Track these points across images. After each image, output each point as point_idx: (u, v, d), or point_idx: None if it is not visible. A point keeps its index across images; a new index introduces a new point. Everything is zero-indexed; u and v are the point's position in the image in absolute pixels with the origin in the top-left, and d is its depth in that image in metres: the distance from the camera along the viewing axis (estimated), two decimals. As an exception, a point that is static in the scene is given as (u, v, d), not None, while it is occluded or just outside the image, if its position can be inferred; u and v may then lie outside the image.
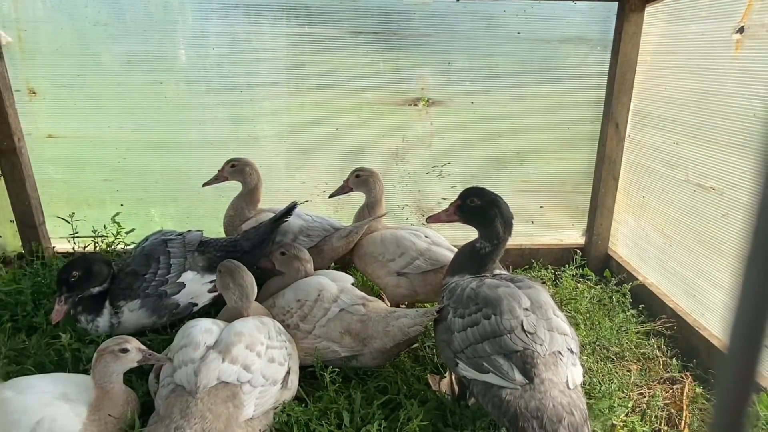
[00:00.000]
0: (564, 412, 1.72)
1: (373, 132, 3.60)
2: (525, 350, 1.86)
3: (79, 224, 3.34)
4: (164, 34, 3.28)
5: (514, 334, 1.89)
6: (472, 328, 1.97)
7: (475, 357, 1.92)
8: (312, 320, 2.40)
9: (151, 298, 2.54)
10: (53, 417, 1.79)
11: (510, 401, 1.79)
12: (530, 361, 1.83)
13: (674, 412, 2.35)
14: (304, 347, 2.39)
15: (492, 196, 2.30)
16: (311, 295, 2.45)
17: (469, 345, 1.96)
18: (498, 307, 1.97)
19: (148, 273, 2.56)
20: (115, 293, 2.55)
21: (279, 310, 2.47)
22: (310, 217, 3.09)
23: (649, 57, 3.27)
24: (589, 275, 3.52)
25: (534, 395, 1.77)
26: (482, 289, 2.08)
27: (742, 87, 2.54)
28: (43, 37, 3.21)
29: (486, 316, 1.97)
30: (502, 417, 1.81)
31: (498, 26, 3.43)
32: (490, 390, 1.87)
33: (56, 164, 3.48)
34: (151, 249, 2.63)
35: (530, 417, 1.72)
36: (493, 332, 1.92)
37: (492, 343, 1.90)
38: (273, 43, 3.36)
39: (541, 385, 1.79)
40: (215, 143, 3.52)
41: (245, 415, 1.92)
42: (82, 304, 2.52)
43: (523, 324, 1.91)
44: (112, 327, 2.57)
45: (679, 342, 2.87)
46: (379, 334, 2.31)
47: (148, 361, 2.03)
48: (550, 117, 3.62)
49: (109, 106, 3.38)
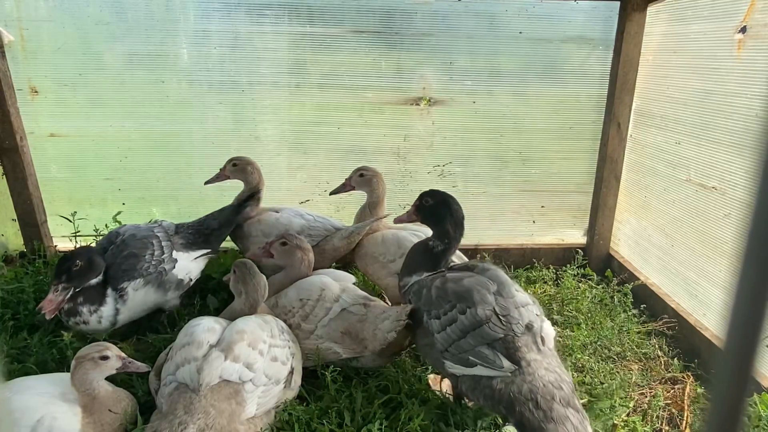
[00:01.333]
0: (554, 388, 1.82)
1: (374, 131, 3.59)
2: (506, 336, 1.93)
3: (81, 223, 3.35)
4: (166, 34, 3.29)
5: (492, 323, 1.96)
6: (451, 326, 2.02)
7: (461, 353, 1.97)
8: (314, 320, 2.40)
9: (152, 275, 2.65)
10: (54, 415, 1.80)
11: (502, 389, 1.86)
12: (512, 346, 1.91)
13: (675, 412, 2.35)
14: (306, 347, 2.39)
15: (444, 196, 2.36)
16: (313, 294, 2.44)
17: (452, 343, 2.00)
18: (470, 299, 2.02)
19: (146, 254, 2.66)
20: (116, 276, 2.57)
21: (281, 309, 2.47)
22: (312, 217, 3.09)
23: (651, 57, 3.27)
24: (590, 275, 3.51)
25: (524, 378, 1.85)
26: (448, 285, 2.12)
27: (744, 87, 2.53)
28: (45, 36, 3.22)
29: (461, 311, 2.01)
30: (497, 406, 1.87)
31: (500, 26, 3.42)
32: (480, 382, 1.92)
33: (58, 163, 3.49)
34: (144, 235, 2.74)
35: (525, 400, 1.80)
36: (471, 325, 1.97)
37: (473, 335, 1.96)
38: (275, 43, 3.36)
39: (528, 367, 1.87)
40: (217, 142, 3.52)
41: (247, 414, 1.92)
42: (83, 294, 2.48)
43: (495, 310, 1.99)
44: (117, 313, 2.56)
45: (680, 342, 2.86)
46: (371, 336, 2.29)
47: (127, 368, 2.04)
48: (552, 117, 3.61)
49: (111, 105, 3.39)
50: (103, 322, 2.54)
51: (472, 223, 3.81)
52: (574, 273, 3.41)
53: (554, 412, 1.76)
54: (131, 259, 2.62)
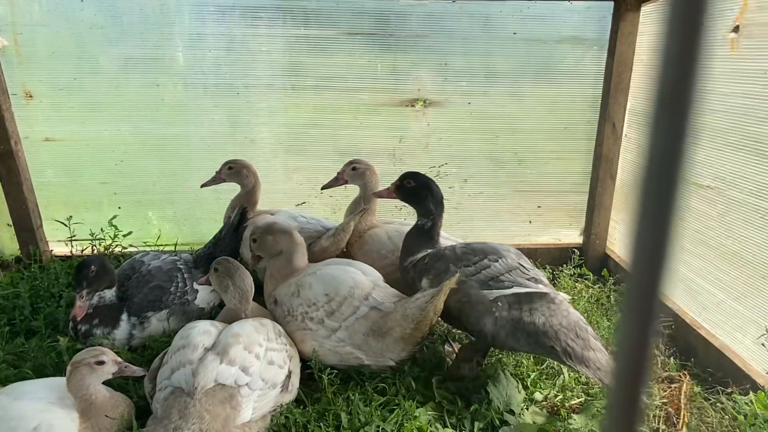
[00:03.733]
0: (584, 324, 2.14)
1: (370, 133, 3.60)
2: (536, 277, 2.26)
3: (77, 227, 3.34)
4: (161, 37, 3.28)
5: (521, 269, 2.27)
6: (485, 270, 2.28)
7: (500, 282, 2.23)
8: (339, 317, 2.29)
9: (176, 306, 2.73)
10: (50, 423, 1.79)
11: (544, 322, 2.12)
12: (543, 282, 2.24)
13: (672, 411, 2.35)
14: (324, 349, 2.31)
15: (425, 179, 2.59)
16: (341, 290, 2.33)
17: (490, 279, 2.25)
18: (497, 252, 2.33)
19: (171, 287, 2.74)
20: (141, 305, 2.64)
21: (304, 300, 2.36)
22: (305, 219, 3.09)
23: (645, 56, 3.28)
24: (587, 275, 3.52)
25: (561, 312, 2.15)
26: (473, 245, 2.42)
27: (737, 86, 2.54)
28: (40, 41, 3.21)
29: (493, 260, 2.30)
30: (541, 338, 2.11)
31: (494, 27, 3.43)
32: (521, 321, 2.15)
33: (53, 167, 3.48)
34: (170, 267, 2.82)
35: (567, 331, 2.09)
36: (506, 268, 2.27)
37: (510, 273, 2.25)
38: (270, 45, 3.36)
39: (561, 304, 2.19)
40: (212, 145, 3.52)
41: (242, 419, 1.92)
42: (98, 316, 2.55)
43: (522, 264, 2.31)
44: (131, 338, 2.62)
45: (677, 341, 2.87)
46: (398, 321, 2.23)
47: (123, 373, 2.03)
48: (548, 117, 3.62)
49: (106, 108, 3.38)
50: (117, 343, 2.60)
51: (469, 223, 3.84)
52: (571, 273, 3.42)
53: (591, 342, 2.07)
54: (157, 291, 2.70)
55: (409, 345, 2.30)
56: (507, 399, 2.26)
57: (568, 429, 2.13)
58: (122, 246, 3.42)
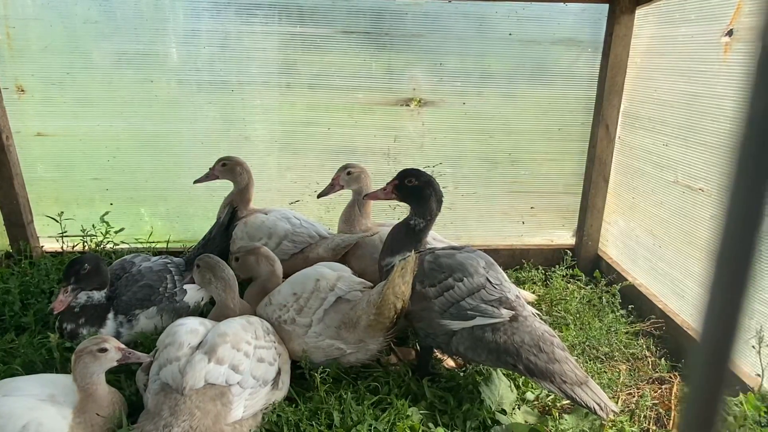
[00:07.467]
0: (550, 336, 2.12)
1: (364, 132, 3.59)
2: (501, 297, 2.20)
3: (68, 223, 3.32)
4: (155, 33, 3.26)
5: (487, 288, 2.21)
6: (448, 292, 2.21)
7: (461, 311, 2.18)
8: (308, 312, 2.34)
9: (165, 304, 2.72)
10: (39, 421, 1.77)
11: (506, 341, 2.10)
12: (508, 303, 2.19)
13: (663, 412, 2.37)
14: (307, 346, 2.34)
15: (428, 177, 2.48)
16: (308, 285, 2.40)
17: (451, 305, 2.20)
18: (465, 270, 2.24)
19: (160, 287, 2.74)
20: (129, 303, 2.63)
21: (276, 306, 2.43)
22: (299, 222, 3.08)
23: (639, 59, 3.30)
24: (579, 276, 3.54)
25: (524, 329, 2.12)
26: (441, 260, 2.31)
27: (731, 89, 2.56)
28: (33, 35, 3.18)
29: (457, 279, 2.22)
30: (502, 356, 2.10)
31: (489, 27, 3.43)
32: (483, 339, 2.13)
33: (45, 163, 3.45)
34: (160, 269, 2.82)
35: (529, 347, 2.08)
36: (469, 290, 2.20)
37: (473, 297, 2.19)
38: (264, 42, 3.35)
39: (525, 321, 2.15)
40: (206, 142, 3.50)
41: (234, 416, 1.92)
42: (85, 315, 2.52)
43: (489, 279, 2.24)
44: (118, 336, 2.59)
45: (667, 342, 2.89)
46: (363, 308, 2.28)
47: (128, 359, 2.02)
48: (541, 118, 3.63)
49: (99, 104, 3.36)
50: None
51: (462, 223, 3.85)
52: (563, 274, 3.43)
53: (555, 354, 2.05)
54: (146, 290, 2.69)
55: (379, 331, 2.32)
56: (499, 399, 2.27)
57: (560, 429, 2.13)
58: (114, 243, 3.39)
